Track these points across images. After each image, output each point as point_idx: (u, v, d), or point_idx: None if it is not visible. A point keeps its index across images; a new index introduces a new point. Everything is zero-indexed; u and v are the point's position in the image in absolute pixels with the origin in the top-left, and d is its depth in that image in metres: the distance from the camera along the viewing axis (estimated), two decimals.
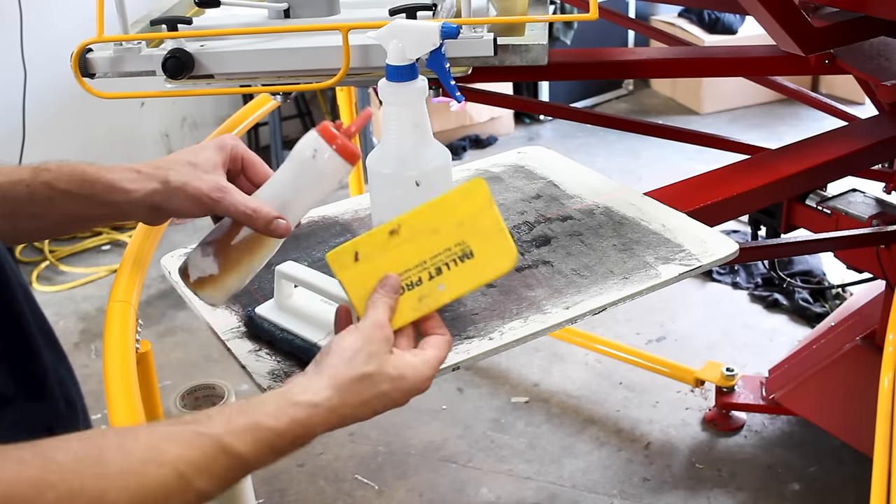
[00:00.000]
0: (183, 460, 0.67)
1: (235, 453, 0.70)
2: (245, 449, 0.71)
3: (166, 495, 0.66)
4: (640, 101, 4.79)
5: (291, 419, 0.73)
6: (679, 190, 1.37)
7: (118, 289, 1.41)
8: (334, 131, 0.88)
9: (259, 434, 0.71)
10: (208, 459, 0.69)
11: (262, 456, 0.72)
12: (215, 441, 0.69)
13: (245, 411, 0.72)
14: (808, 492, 2.21)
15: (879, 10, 1.50)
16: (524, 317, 1.05)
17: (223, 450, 0.69)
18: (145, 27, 1.32)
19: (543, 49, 1.24)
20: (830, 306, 2.85)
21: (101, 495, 0.63)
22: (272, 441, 0.72)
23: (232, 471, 0.70)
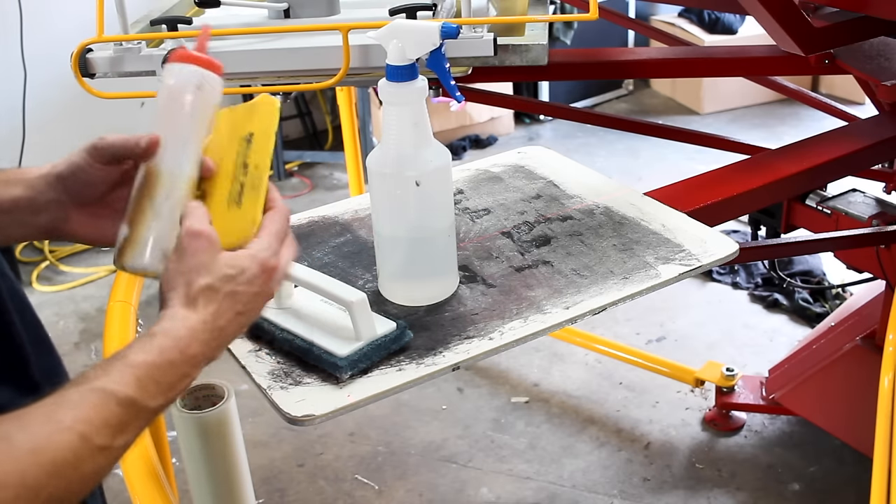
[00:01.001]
0: (79, 420, 0.68)
1: (124, 397, 0.70)
2: (131, 390, 0.71)
3: (76, 459, 0.67)
4: (640, 101, 4.79)
5: (160, 350, 0.75)
6: (679, 190, 1.37)
7: (118, 289, 1.41)
8: (190, 52, 0.87)
9: (136, 371, 0.72)
10: (102, 412, 0.69)
11: (150, 393, 0.73)
12: (101, 391, 0.70)
13: (116, 357, 0.73)
14: (808, 492, 2.21)
15: (879, 10, 1.50)
16: (524, 317, 1.05)
17: (112, 397, 0.70)
18: (145, 27, 1.32)
19: (543, 49, 1.24)
20: (830, 306, 2.85)
21: (23, 479, 0.64)
22: (152, 374, 0.73)
23: (130, 417, 0.71)
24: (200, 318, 0.78)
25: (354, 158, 2.50)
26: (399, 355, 1.00)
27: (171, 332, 0.77)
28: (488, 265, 1.17)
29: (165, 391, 0.74)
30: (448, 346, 1.01)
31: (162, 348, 0.75)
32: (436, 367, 0.98)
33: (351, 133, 2.48)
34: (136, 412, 0.71)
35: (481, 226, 1.27)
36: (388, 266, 1.10)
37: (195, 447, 1.19)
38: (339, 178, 4.06)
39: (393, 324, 1.01)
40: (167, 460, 1.74)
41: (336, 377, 0.96)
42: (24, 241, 1.71)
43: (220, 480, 1.21)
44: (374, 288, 1.12)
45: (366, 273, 1.16)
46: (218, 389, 1.19)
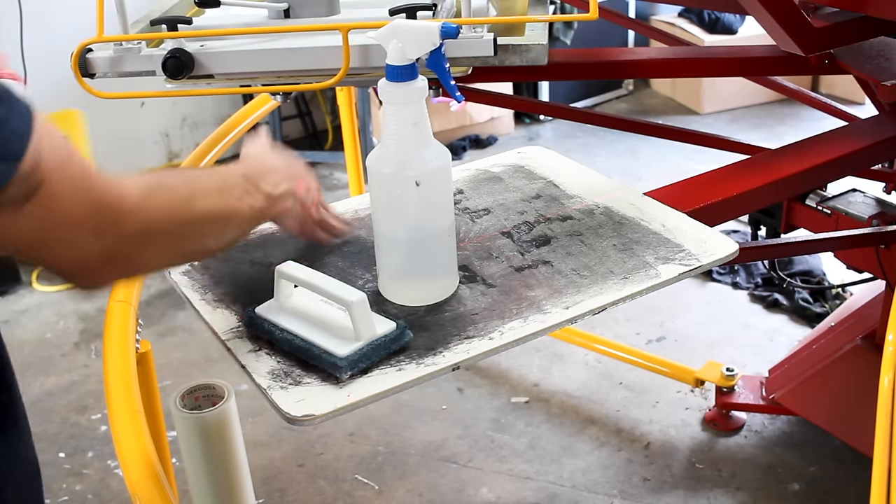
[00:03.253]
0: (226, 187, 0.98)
1: (244, 174, 1.01)
2: (243, 171, 1.01)
3: (221, 194, 0.96)
4: (640, 101, 4.79)
5: (211, 170, 1.08)
6: (679, 190, 1.37)
7: (118, 289, 1.41)
8: None
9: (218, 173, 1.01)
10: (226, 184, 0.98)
11: (251, 185, 1.01)
12: (217, 174, 1.00)
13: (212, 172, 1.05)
14: (808, 492, 2.21)
15: (879, 10, 1.50)
16: (524, 317, 1.05)
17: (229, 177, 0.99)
18: (145, 27, 1.32)
19: (543, 49, 1.24)
20: (830, 306, 2.85)
21: (190, 192, 0.92)
22: (245, 173, 1.01)
23: (247, 193, 0.99)
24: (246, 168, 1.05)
25: (354, 158, 2.50)
26: (399, 355, 1.00)
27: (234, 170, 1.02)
28: (488, 265, 1.17)
29: (228, 195, 0.97)
30: (448, 346, 1.01)
31: (212, 171, 1.04)
32: (436, 367, 0.98)
33: (351, 133, 2.48)
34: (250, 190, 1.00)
35: (481, 226, 1.27)
36: (388, 266, 1.10)
37: (195, 447, 1.19)
38: (339, 178, 4.06)
39: (393, 324, 1.01)
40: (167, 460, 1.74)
41: (336, 377, 0.96)
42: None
43: (220, 480, 1.21)
44: (374, 288, 1.12)
45: (366, 273, 1.16)
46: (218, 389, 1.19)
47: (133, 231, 0.83)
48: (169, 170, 1.08)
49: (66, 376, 2.76)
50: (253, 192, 1.00)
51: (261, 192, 1.02)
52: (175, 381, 2.59)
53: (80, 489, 2.33)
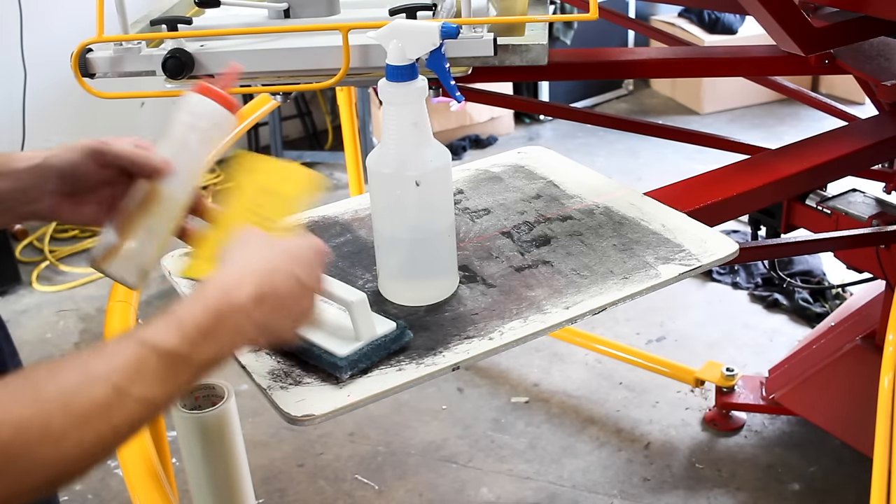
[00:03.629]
0: (114, 371, 0.67)
1: (165, 349, 0.69)
2: (172, 342, 0.70)
3: (108, 409, 0.66)
4: (640, 101, 4.79)
5: (204, 296, 0.74)
6: (679, 190, 1.37)
7: (118, 289, 1.41)
8: (214, 87, 0.92)
9: (178, 321, 0.71)
10: (139, 364, 0.68)
11: (194, 344, 0.71)
12: (140, 343, 0.69)
13: (165, 313, 0.73)
14: (808, 492, 2.21)
15: (879, 10, 1.50)
16: (524, 317, 1.05)
17: (150, 349, 0.69)
18: (145, 27, 1.32)
19: (543, 49, 1.24)
20: (830, 306, 2.85)
21: (46, 424, 0.63)
22: (197, 323, 0.72)
23: (168, 369, 0.70)
24: (250, 268, 0.78)
25: (354, 158, 2.50)
26: (399, 355, 1.00)
27: (217, 280, 0.76)
28: (488, 265, 1.17)
29: (211, 341, 0.72)
30: (448, 346, 1.01)
31: (206, 297, 0.74)
32: (436, 367, 0.98)
33: (351, 133, 2.48)
34: (178, 364, 0.70)
35: (481, 226, 1.27)
36: (388, 266, 1.10)
37: (195, 447, 1.19)
38: (339, 178, 4.06)
39: (393, 324, 1.01)
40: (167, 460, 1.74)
41: (336, 377, 0.96)
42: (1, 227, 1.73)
43: (220, 480, 1.21)
44: (374, 288, 1.12)
45: (366, 273, 1.16)
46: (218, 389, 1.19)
47: None
48: None
49: None
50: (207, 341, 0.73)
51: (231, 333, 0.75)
52: None
53: (80, 489, 2.33)
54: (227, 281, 0.76)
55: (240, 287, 0.75)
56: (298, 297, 0.81)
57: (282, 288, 0.78)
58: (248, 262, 0.79)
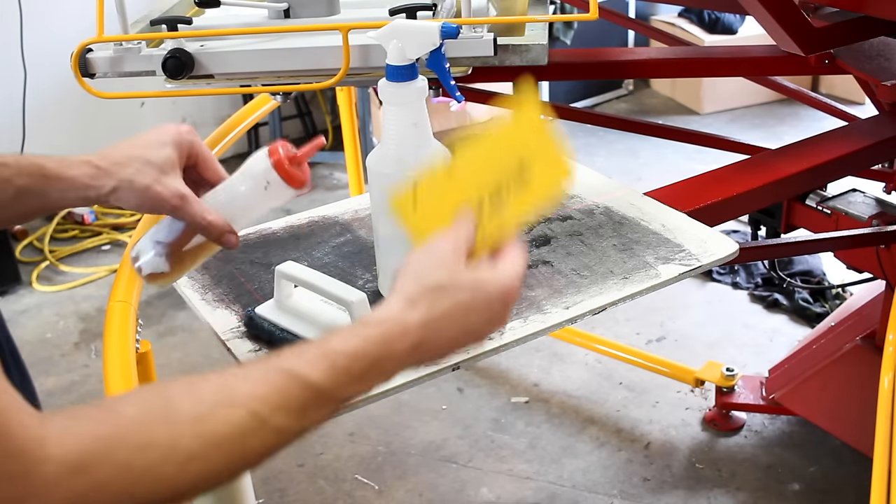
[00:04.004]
0: (255, 398, 0.65)
1: (310, 383, 0.67)
2: (320, 377, 0.67)
3: (242, 436, 0.64)
4: (640, 101, 4.79)
5: (363, 338, 0.70)
6: (679, 190, 1.37)
7: (118, 289, 1.41)
8: (283, 158, 0.92)
9: (332, 359, 0.68)
10: (282, 394, 0.66)
11: (340, 383, 0.68)
12: (287, 373, 0.67)
13: (316, 342, 0.70)
14: (808, 492, 2.21)
15: (879, 10, 1.50)
16: (524, 317, 1.05)
17: (297, 381, 0.67)
18: (145, 27, 1.32)
19: (543, 49, 1.24)
20: (830, 306, 2.85)
21: (173, 444, 0.61)
22: (348, 365, 0.69)
23: (311, 402, 0.67)
24: (419, 315, 0.72)
25: (354, 158, 2.49)
26: None
27: (382, 324, 0.71)
28: None
29: (358, 383, 0.70)
30: None
31: (366, 339, 0.70)
32: (436, 367, 0.98)
33: (351, 133, 2.48)
34: (321, 400, 0.68)
35: None
36: (388, 266, 1.10)
37: None
38: (339, 178, 4.06)
39: None
40: None
41: None
42: None
43: None
44: (374, 288, 1.12)
45: (366, 273, 1.16)
46: None
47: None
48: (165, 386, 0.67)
49: (66, 376, 2.76)
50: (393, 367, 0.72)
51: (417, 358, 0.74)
52: None
53: None
54: (390, 329, 0.71)
55: (401, 339, 0.71)
56: (461, 345, 0.76)
57: (445, 337, 0.74)
58: (419, 306, 0.73)
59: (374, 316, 0.73)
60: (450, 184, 0.83)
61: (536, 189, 0.81)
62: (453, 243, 0.77)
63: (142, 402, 0.64)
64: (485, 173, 0.81)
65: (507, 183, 0.81)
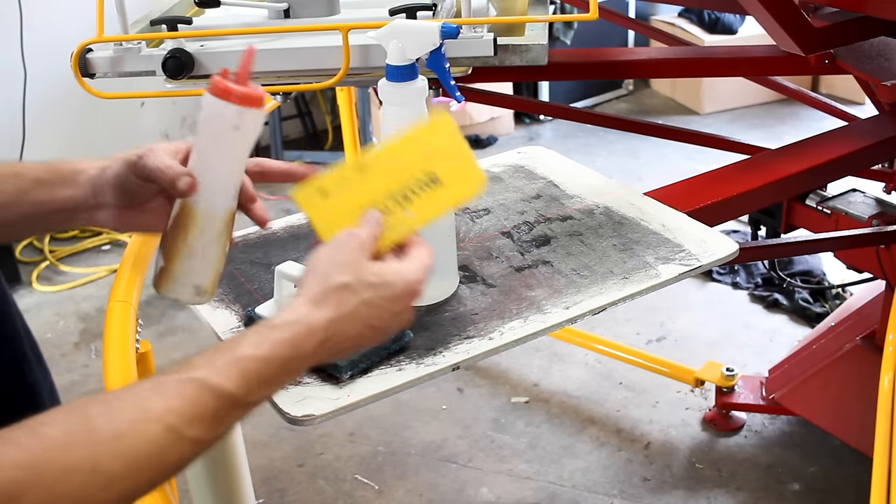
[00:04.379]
0: (170, 411, 0.66)
1: (223, 391, 0.68)
2: (232, 384, 0.68)
3: (160, 451, 0.65)
4: (640, 101, 4.79)
5: (273, 342, 0.71)
6: (679, 190, 1.38)
7: (118, 289, 1.41)
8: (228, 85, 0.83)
9: (243, 365, 0.69)
10: (196, 405, 0.67)
11: (252, 389, 0.70)
12: (199, 383, 0.67)
13: (226, 348, 0.71)
14: (808, 492, 2.21)
15: (879, 10, 1.50)
16: (524, 317, 1.05)
17: (209, 390, 0.68)
18: (145, 27, 1.32)
19: (543, 49, 1.24)
20: (830, 306, 2.85)
21: (95, 466, 0.62)
22: (259, 370, 0.70)
23: (224, 411, 0.68)
24: (325, 315, 0.74)
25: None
26: (399, 355, 1.00)
27: (290, 326, 0.73)
28: (488, 265, 1.17)
29: (269, 386, 0.71)
30: (448, 346, 1.01)
31: (275, 342, 0.71)
32: (436, 367, 0.98)
33: (351, 133, 2.48)
34: (234, 406, 0.69)
35: (481, 226, 1.27)
36: None
37: None
38: None
39: None
40: None
41: (336, 377, 0.96)
42: (55, 232, 1.68)
43: (220, 480, 1.21)
44: None
45: None
46: None
47: None
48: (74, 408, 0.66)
49: (66, 376, 2.76)
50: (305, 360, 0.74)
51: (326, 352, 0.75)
52: None
53: None
54: (298, 332, 0.72)
55: (309, 339, 0.73)
56: (368, 340, 0.78)
57: (351, 334, 0.76)
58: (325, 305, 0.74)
59: (281, 318, 0.73)
60: (359, 180, 0.83)
61: (445, 192, 0.83)
62: (359, 240, 0.78)
63: (63, 424, 0.63)
64: (394, 173, 0.82)
65: (415, 183, 0.82)
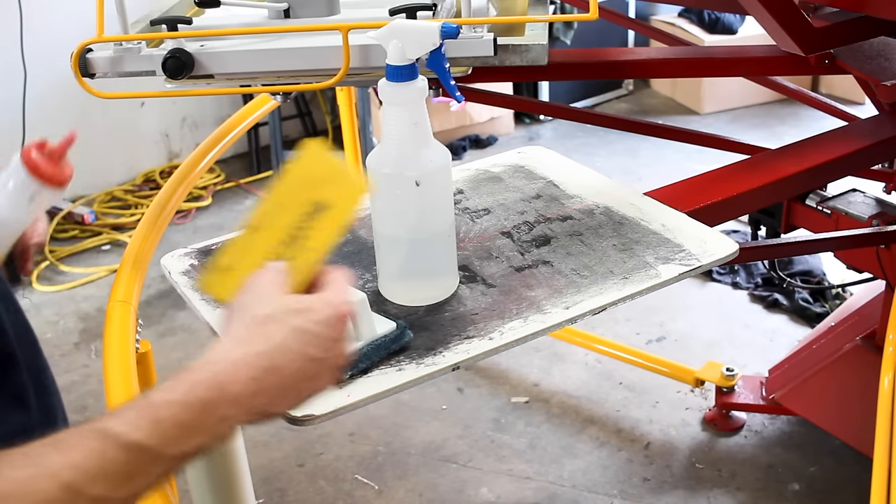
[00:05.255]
0: (69, 467, 0.58)
1: (132, 444, 0.60)
2: (143, 435, 0.60)
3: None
4: (640, 101, 4.79)
5: (189, 383, 0.65)
6: (679, 190, 1.37)
7: (118, 289, 1.41)
8: (34, 158, 0.91)
9: (157, 413, 0.62)
10: (99, 459, 0.59)
11: (169, 437, 0.62)
12: (102, 435, 0.60)
13: (140, 398, 0.64)
14: (808, 492, 2.21)
15: (879, 10, 1.50)
16: (524, 317, 1.05)
17: (115, 443, 0.60)
18: (145, 27, 1.32)
19: (543, 49, 1.24)
20: (830, 306, 2.85)
21: None
22: (175, 416, 0.62)
23: (136, 465, 0.60)
24: (250, 350, 0.68)
25: (354, 158, 2.50)
26: (399, 355, 1.00)
27: (209, 365, 0.67)
28: (488, 265, 1.17)
29: (193, 434, 0.63)
30: (448, 346, 1.01)
31: (192, 384, 0.65)
32: (436, 367, 0.98)
33: (351, 133, 2.49)
34: (148, 459, 0.61)
35: (481, 226, 1.27)
36: (388, 266, 1.10)
37: None
38: None
39: (393, 324, 1.01)
40: None
41: None
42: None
43: (220, 480, 1.21)
44: (374, 288, 1.12)
45: (366, 273, 1.16)
46: None
47: None
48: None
49: (66, 376, 2.76)
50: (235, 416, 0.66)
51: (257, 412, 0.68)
52: None
53: None
54: (220, 370, 0.66)
55: (235, 377, 0.66)
56: (311, 378, 0.70)
57: (288, 370, 0.68)
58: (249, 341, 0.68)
59: (200, 361, 0.68)
60: (253, 241, 0.83)
61: (333, 213, 0.82)
62: (270, 276, 0.74)
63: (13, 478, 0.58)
64: (282, 219, 0.82)
65: (303, 219, 0.82)
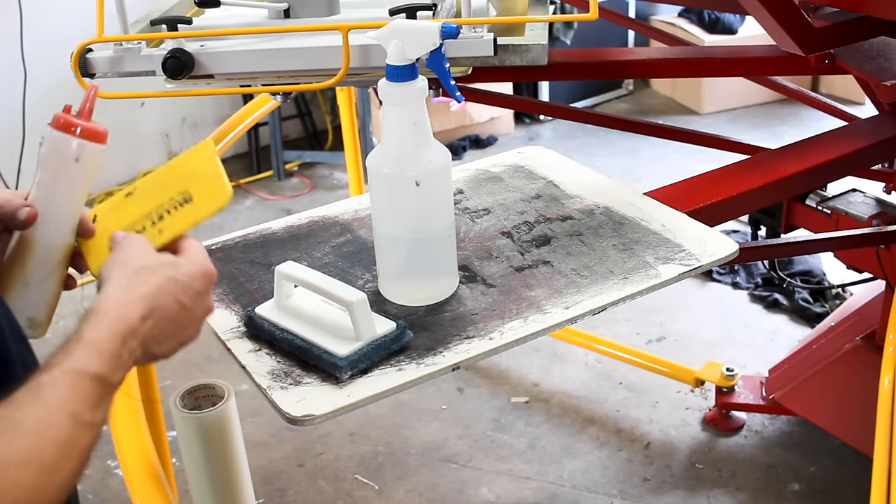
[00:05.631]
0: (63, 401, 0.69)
1: (95, 375, 0.71)
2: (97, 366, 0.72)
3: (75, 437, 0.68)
4: (640, 101, 4.79)
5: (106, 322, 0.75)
6: (679, 190, 1.38)
7: None
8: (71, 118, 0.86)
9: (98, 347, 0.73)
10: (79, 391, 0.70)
11: (113, 368, 0.73)
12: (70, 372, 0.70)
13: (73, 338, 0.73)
14: (808, 492, 2.21)
15: (879, 10, 1.50)
16: (524, 317, 1.05)
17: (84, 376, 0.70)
18: (145, 27, 1.32)
19: (543, 49, 1.24)
20: (830, 306, 2.85)
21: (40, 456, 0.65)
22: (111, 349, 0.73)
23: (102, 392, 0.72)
24: (135, 293, 0.78)
25: (354, 158, 2.50)
26: (399, 355, 1.00)
27: (110, 306, 0.76)
28: (488, 265, 1.17)
29: (121, 365, 0.74)
30: (448, 346, 1.01)
31: (108, 322, 0.75)
32: (436, 367, 0.98)
33: (351, 133, 2.49)
34: (105, 387, 0.72)
35: (481, 226, 1.27)
36: (388, 266, 1.10)
37: (195, 447, 1.19)
38: (339, 178, 4.05)
39: (393, 324, 1.01)
40: (167, 460, 1.74)
41: (336, 377, 0.96)
42: None
43: (220, 480, 1.22)
44: (374, 288, 1.12)
45: (366, 273, 1.16)
46: (218, 389, 1.19)
47: None
48: None
49: None
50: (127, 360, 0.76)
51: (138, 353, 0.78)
52: (175, 381, 2.59)
53: (80, 489, 2.32)
54: (120, 311, 0.76)
55: (131, 315, 0.76)
56: (185, 326, 0.81)
57: (166, 312, 0.79)
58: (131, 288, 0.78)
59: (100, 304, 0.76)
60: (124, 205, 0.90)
61: (193, 208, 0.87)
62: (140, 240, 0.84)
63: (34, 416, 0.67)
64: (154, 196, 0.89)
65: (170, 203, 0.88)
